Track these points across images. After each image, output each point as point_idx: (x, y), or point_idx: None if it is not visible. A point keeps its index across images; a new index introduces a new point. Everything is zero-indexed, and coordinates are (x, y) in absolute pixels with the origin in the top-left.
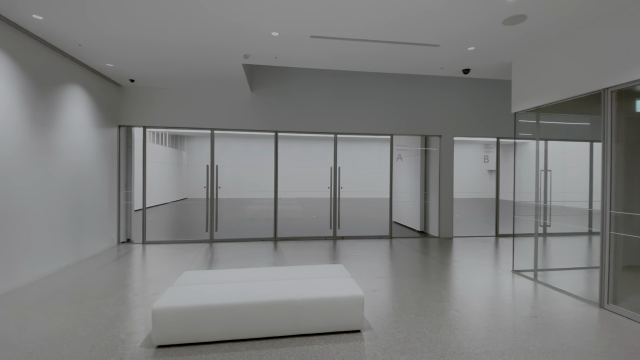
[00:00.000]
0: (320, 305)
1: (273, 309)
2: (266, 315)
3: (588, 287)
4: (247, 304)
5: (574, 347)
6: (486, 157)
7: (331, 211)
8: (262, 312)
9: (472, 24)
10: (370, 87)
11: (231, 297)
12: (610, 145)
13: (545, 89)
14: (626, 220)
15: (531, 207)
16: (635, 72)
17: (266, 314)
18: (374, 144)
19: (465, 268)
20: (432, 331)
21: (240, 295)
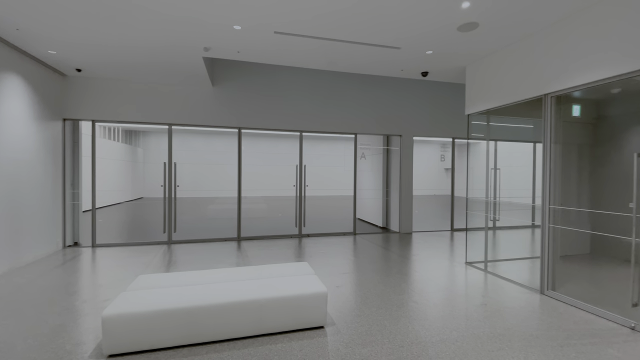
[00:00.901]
0: (283, 304)
1: (234, 310)
2: (227, 317)
3: (531, 276)
4: (207, 306)
5: (519, 331)
6: (443, 156)
7: (297, 209)
8: (223, 313)
9: (429, 29)
10: (336, 86)
11: (189, 300)
12: (550, 146)
13: (495, 93)
14: (563, 214)
15: (482, 203)
16: (571, 80)
17: (227, 316)
18: (339, 143)
19: (423, 261)
20: (392, 323)
21: (200, 297)
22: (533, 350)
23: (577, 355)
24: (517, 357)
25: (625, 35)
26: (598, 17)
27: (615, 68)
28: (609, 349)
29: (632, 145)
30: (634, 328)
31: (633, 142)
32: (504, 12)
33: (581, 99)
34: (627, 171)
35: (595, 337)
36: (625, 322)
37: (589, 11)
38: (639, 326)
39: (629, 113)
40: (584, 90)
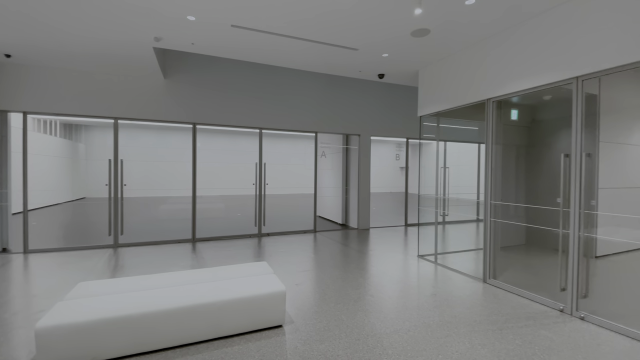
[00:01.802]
0: (240, 305)
1: (188, 314)
2: (180, 322)
3: (475, 266)
4: (156, 312)
5: (464, 318)
6: (397, 156)
7: (256, 208)
8: (175, 319)
9: (385, 32)
10: (297, 84)
11: (136, 307)
12: (491, 147)
13: (445, 97)
14: (503, 208)
15: (433, 200)
16: (509, 87)
17: (180, 321)
18: (300, 141)
19: (379, 256)
20: (349, 317)
21: (148, 303)
22: (476, 334)
23: (514, 337)
24: (463, 342)
25: (554, 50)
26: (532, 31)
27: (545, 78)
28: (542, 330)
29: (560, 146)
30: (563, 310)
31: (561, 143)
32: (452, 21)
33: (518, 104)
34: (556, 170)
35: (529, 320)
36: (555, 305)
37: (525, 25)
38: (567, 308)
39: (558, 118)
40: (520, 97)
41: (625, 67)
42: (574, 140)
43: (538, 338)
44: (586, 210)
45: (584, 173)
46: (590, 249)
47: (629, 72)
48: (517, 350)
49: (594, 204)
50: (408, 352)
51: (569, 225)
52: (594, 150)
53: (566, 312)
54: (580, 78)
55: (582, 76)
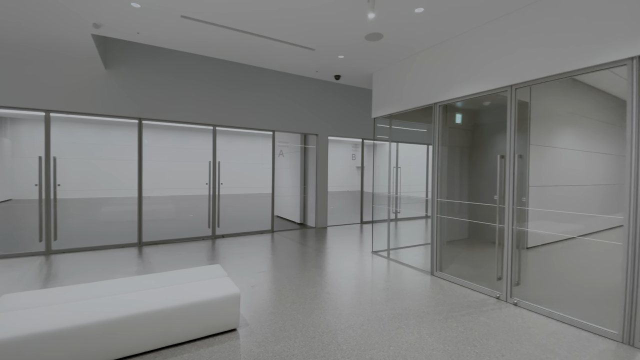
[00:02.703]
0: (191, 311)
1: (130, 324)
2: (121, 334)
3: (424, 260)
4: (92, 324)
5: (414, 309)
6: (354, 155)
7: (210, 209)
8: (115, 330)
9: (341, 34)
10: (254, 81)
11: (69, 319)
12: (438, 148)
13: (397, 100)
14: (448, 205)
15: (386, 198)
16: (453, 92)
17: (121, 332)
18: (257, 139)
19: (336, 253)
20: (305, 316)
21: (83, 314)
22: (424, 325)
23: (458, 325)
24: (412, 333)
25: (492, 60)
26: (474, 42)
27: (484, 85)
28: (481, 317)
29: (497, 148)
30: (499, 297)
31: (498, 146)
32: (403, 28)
33: (462, 108)
34: (494, 170)
35: (471, 308)
36: (492, 293)
37: (468, 35)
38: (502, 296)
39: (496, 122)
40: (463, 102)
41: (552, 77)
42: (509, 142)
43: (478, 324)
44: (518, 207)
45: (516, 173)
46: (522, 241)
47: (555, 83)
48: (460, 337)
49: (525, 200)
50: (362, 346)
51: (504, 220)
52: (525, 152)
53: (502, 299)
54: (514, 86)
55: (515, 85)
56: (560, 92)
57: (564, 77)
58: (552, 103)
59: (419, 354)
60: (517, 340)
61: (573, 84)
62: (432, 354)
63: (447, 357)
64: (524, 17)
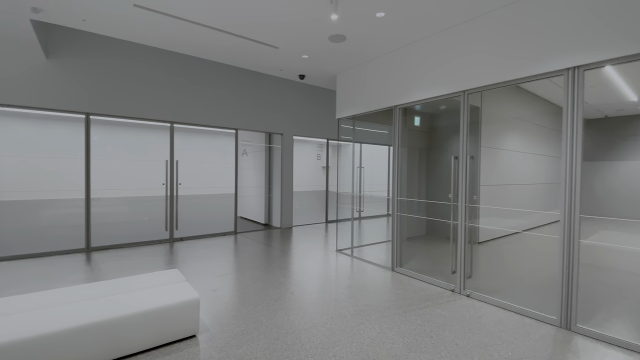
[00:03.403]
0: (145, 319)
1: (75, 337)
2: (65, 347)
3: (386, 257)
4: (32, 338)
5: (375, 305)
6: (319, 155)
7: (167, 210)
8: (58, 344)
9: (305, 34)
10: (216, 78)
11: (5, 335)
12: (398, 149)
13: (359, 101)
14: (408, 204)
15: (349, 197)
16: (412, 96)
17: (65, 346)
18: (219, 138)
19: (300, 253)
20: (268, 318)
21: (22, 329)
22: (385, 319)
23: (416, 318)
24: (374, 328)
25: (447, 65)
26: (431, 48)
27: (440, 90)
28: (437, 309)
29: (452, 150)
30: (454, 290)
31: (452, 147)
32: (366, 31)
33: (421, 112)
34: (449, 170)
35: (428, 301)
36: (447, 286)
37: (426, 41)
38: (457, 288)
39: (451, 125)
40: (421, 105)
41: (499, 84)
42: (461, 144)
43: (435, 316)
44: (470, 204)
45: (468, 173)
46: (474, 237)
47: (502, 89)
48: (418, 330)
49: (476, 198)
50: (325, 344)
51: (457, 217)
52: (476, 153)
53: (456, 291)
54: (466, 92)
55: (468, 90)
56: (507, 98)
57: (510, 85)
58: (500, 108)
59: (379, 348)
60: (469, 330)
61: (518, 91)
62: (392, 347)
63: (406, 349)
64: (475, 27)
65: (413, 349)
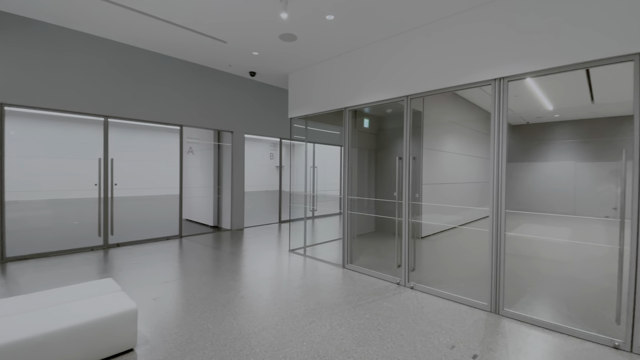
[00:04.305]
0: (71, 335)
1: None
2: None
3: (337, 254)
4: None
5: (326, 303)
6: (272, 155)
7: (100, 214)
8: None
9: (255, 30)
10: (158, 70)
11: None
12: (348, 150)
13: (311, 102)
14: (358, 202)
15: (303, 197)
16: (361, 99)
17: None
18: (162, 134)
19: (252, 255)
20: (216, 324)
21: None
22: (336, 316)
23: (365, 312)
24: (324, 326)
25: (392, 71)
26: (378, 53)
27: (386, 94)
28: (384, 302)
29: (397, 151)
30: (399, 283)
31: (397, 149)
32: (316, 32)
33: (369, 114)
34: (394, 170)
35: (376, 295)
36: (393, 279)
37: (374, 46)
38: (402, 281)
39: (397, 128)
40: (370, 108)
41: (438, 91)
42: (405, 146)
43: (382, 309)
44: (413, 202)
45: (411, 172)
46: (417, 232)
47: (441, 96)
48: (366, 324)
49: (418, 196)
50: (275, 346)
51: (402, 213)
52: (419, 154)
53: (401, 284)
54: (409, 96)
55: (410, 95)
56: (446, 104)
57: (447, 91)
58: (439, 113)
59: (329, 345)
60: (413, 320)
61: (455, 97)
62: (342, 343)
63: (355, 343)
64: (417, 37)
65: (362, 343)
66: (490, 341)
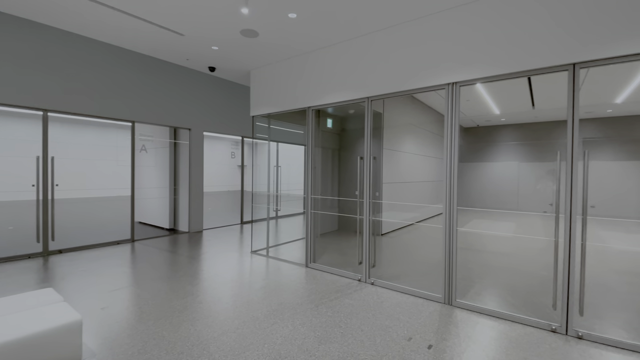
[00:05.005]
0: (3, 353)
1: None
2: None
3: (301, 254)
4: None
5: (289, 303)
6: (233, 154)
7: (39, 218)
8: None
9: (215, 24)
10: (107, 62)
11: None
12: (312, 149)
13: (274, 100)
14: (322, 201)
15: (265, 196)
16: (324, 99)
17: None
18: (111, 131)
19: (212, 258)
20: (171, 331)
21: None
22: (298, 316)
23: (327, 310)
24: (286, 326)
25: (354, 72)
26: (341, 54)
27: (348, 95)
28: (346, 299)
29: (359, 151)
30: (360, 280)
31: (359, 149)
32: (279, 29)
33: (333, 114)
34: (356, 169)
35: (338, 293)
36: (355, 276)
37: (336, 47)
38: (363, 277)
39: (359, 128)
40: (333, 108)
41: (396, 93)
42: (366, 146)
43: (343, 306)
44: (374, 200)
45: (372, 172)
46: (377, 229)
47: (400, 98)
48: (328, 321)
49: (378, 194)
50: (235, 351)
51: (363, 212)
52: (379, 154)
53: (362, 280)
54: (370, 98)
55: (371, 97)
56: (404, 106)
57: (406, 94)
58: (399, 115)
59: (291, 346)
60: (373, 315)
61: (413, 100)
62: (304, 342)
63: (317, 342)
64: (377, 40)
65: (323, 341)
66: (443, 331)
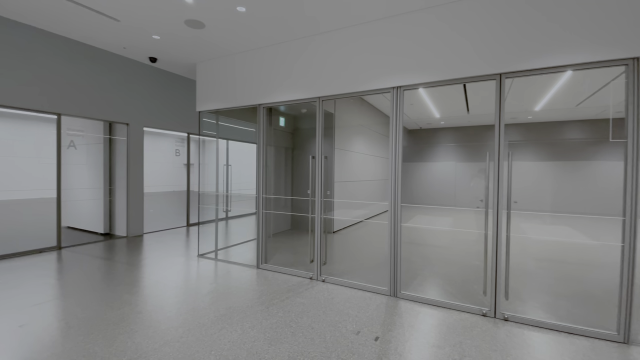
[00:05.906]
0: None
1: None
2: None
3: (252, 255)
4: None
5: (238, 307)
6: (178, 151)
7: None
8: None
9: (155, 11)
10: (31, 47)
11: None
12: (264, 147)
13: (223, 96)
14: (274, 201)
15: (214, 197)
16: (275, 96)
17: None
18: (32, 124)
19: (153, 264)
20: (105, 346)
21: None
22: (248, 319)
23: (278, 311)
24: (235, 330)
25: (306, 71)
26: (293, 52)
27: (300, 94)
28: (297, 298)
29: (311, 150)
30: (312, 278)
31: (311, 148)
32: (227, 22)
33: (285, 113)
34: (308, 168)
35: (290, 292)
36: (306, 275)
37: (288, 45)
38: (314, 276)
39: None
40: (286, 106)
41: (346, 94)
42: (318, 145)
43: (295, 305)
44: (325, 199)
45: (323, 171)
46: (329, 227)
47: (350, 99)
48: (279, 322)
49: (330, 193)
50: None
51: (315, 210)
52: (331, 154)
53: (314, 278)
54: (321, 98)
55: (322, 97)
56: (355, 107)
57: (355, 96)
58: (350, 116)
59: (240, 350)
60: (323, 312)
61: (362, 102)
62: (254, 345)
63: (267, 344)
64: (329, 40)
65: (273, 342)
66: (389, 322)
